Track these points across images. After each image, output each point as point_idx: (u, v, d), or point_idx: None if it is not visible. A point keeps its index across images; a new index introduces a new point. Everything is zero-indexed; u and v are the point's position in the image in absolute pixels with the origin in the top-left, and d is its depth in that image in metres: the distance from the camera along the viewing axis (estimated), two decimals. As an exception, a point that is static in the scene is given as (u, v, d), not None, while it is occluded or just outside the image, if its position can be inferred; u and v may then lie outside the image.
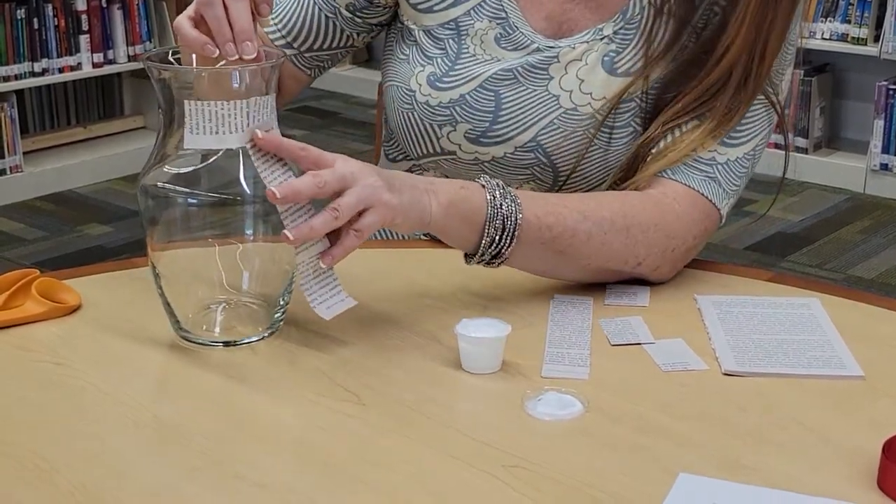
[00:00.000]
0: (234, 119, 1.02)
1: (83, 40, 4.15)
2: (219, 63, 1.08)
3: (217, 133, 1.02)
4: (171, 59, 1.11)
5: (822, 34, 4.20)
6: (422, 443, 0.93)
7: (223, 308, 1.11)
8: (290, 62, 1.37)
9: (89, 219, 3.86)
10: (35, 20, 4.02)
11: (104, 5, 4.19)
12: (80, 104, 4.42)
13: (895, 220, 3.88)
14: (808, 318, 1.14)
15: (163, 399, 1.03)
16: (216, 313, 1.11)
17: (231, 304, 1.11)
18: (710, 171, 1.24)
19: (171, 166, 1.06)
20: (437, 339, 1.10)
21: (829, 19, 4.19)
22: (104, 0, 4.17)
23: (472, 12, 1.31)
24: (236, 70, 1.04)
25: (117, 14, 4.23)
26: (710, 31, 1.25)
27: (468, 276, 1.21)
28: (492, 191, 1.12)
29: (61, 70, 4.11)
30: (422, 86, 1.31)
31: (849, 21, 4.16)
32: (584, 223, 1.16)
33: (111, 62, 4.24)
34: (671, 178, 1.23)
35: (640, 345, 1.09)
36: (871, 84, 4.18)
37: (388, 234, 1.43)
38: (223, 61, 1.07)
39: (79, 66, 4.16)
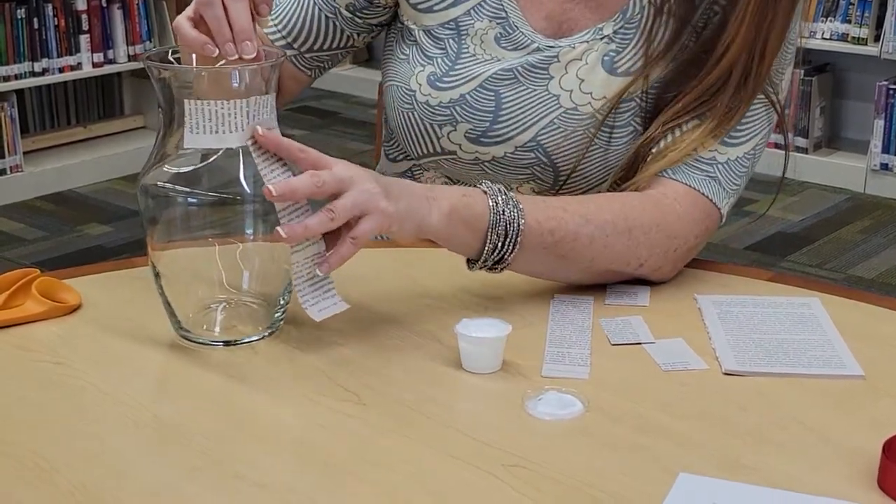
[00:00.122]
0: (234, 118, 1.02)
1: (83, 40, 4.15)
2: (218, 63, 1.08)
3: (217, 132, 1.02)
4: (170, 58, 1.11)
5: (823, 34, 4.20)
6: (422, 442, 0.93)
7: (223, 307, 1.11)
8: (290, 62, 1.37)
9: (89, 218, 3.86)
10: (35, 20, 4.02)
11: (104, 5, 4.19)
12: (81, 104, 4.42)
13: (895, 219, 3.88)
14: (808, 318, 1.14)
15: (163, 399, 1.03)
16: (216, 313, 1.11)
17: (231, 304, 1.11)
18: (710, 170, 1.24)
19: (171, 166, 1.06)
20: (438, 338, 1.10)
21: (829, 19, 4.19)
22: (104, 0, 4.17)
23: (472, 12, 1.31)
24: (236, 69, 1.04)
25: (117, 14, 4.23)
26: (711, 30, 1.25)
27: (468, 275, 1.21)
28: (494, 197, 1.12)
29: (61, 70, 4.11)
30: (422, 86, 1.31)
31: (849, 21, 4.16)
32: (585, 227, 1.16)
33: (111, 62, 4.25)
34: (672, 178, 1.23)
35: (640, 344, 1.09)
36: (872, 84, 4.18)
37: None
38: (223, 61, 1.07)
39: (79, 66, 4.16)
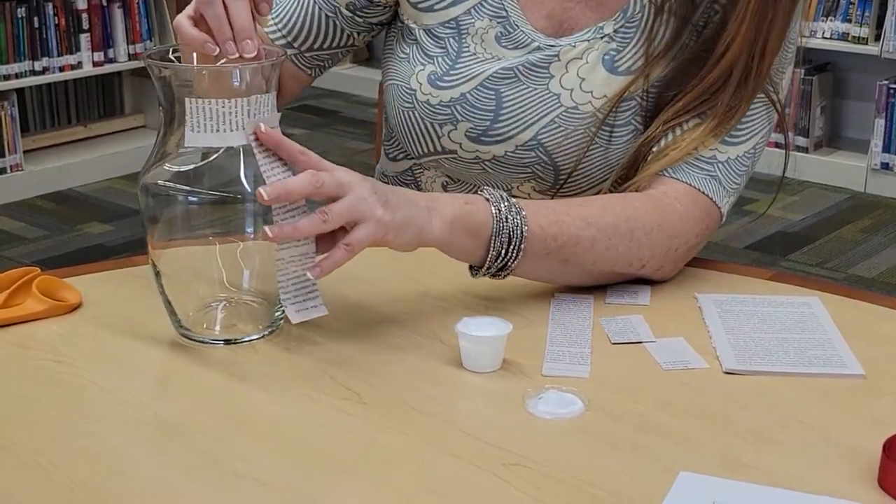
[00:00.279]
0: (235, 117, 1.02)
1: (83, 39, 4.15)
2: (219, 61, 1.08)
3: (218, 131, 1.02)
4: (171, 57, 1.11)
5: (823, 33, 4.20)
6: (422, 441, 0.93)
7: (224, 306, 1.11)
8: (290, 62, 1.37)
9: (90, 217, 3.86)
10: (35, 19, 4.02)
11: (104, 4, 4.19)
12: (81, 103, 4.42)
13: (895, 219, 3.88)
14: (808, 317, 1.14)
15: (163, 397, 1.03)
16: (217, 311, 1.11)
17: (232, 303, 1.11)
18: (710, 169, 1.24)
19: (172, 164, 1.06)
20: (438, 337, 1.10)
21: (829, 18, 4.19)
22: (104, -1, 4.18)
23: (472, 11, 1.30)
24: (237, 68, 1.04)
25: (118, 13, 4.23)
26: (711, 29, 1.25)
27: (469, 275, 1.21)
28: (496, 204, 1.12)
29: (62, 69, 4.12)
30: (422, 84, 1.31)
31: (849, 20, 4.16)
32: (587, 230, 1.16)
33: (111, 61, 4.25)
34: (672, 177, 1.23)
35: (640, 343, 1.09)
36: (872, 83, 4.18)
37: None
38: (223, 59, 1.07)
39: (79, 65, 4.16)
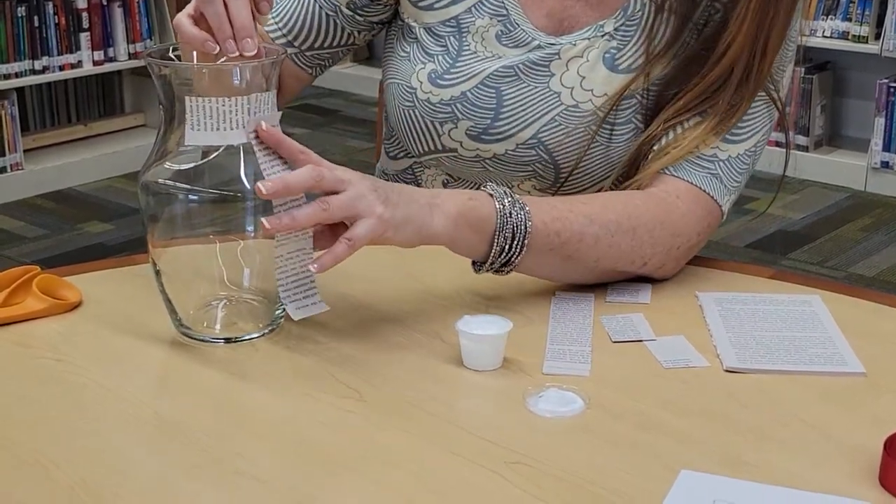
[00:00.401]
0: (235, 115, 1.02)
1: (83, 38, 4.16)
2: (219, 60, 1.08)
3: (218, 129, 1.02)
4: (171, 55, 1.11)
5: (823, 32, 4.20)
6: (423, 440, 0.93)
7: (224, 305, 1.11)
8: (290, 61, 1.37)
9: (90, 216, 3.86)
10: (35, 18, 4.02)
11: (104, 3, 4.20)
12: (81, 102, 4.42)
13: (896, 218, 3.89)
14: (809, 315, 1.14)
15: (163, 396, 1.03)
16: (217, 310, 1.11)
17: (232, 301, 1.11)
18: (712, 167, 1.24)
19: (172, 163, 1.06)
20: (439, 336, 1.10)
21: (830, 17, 4.19)
22: (104, -2, 4.19)
23: (472, 9, 1.30)
24: (237, 66, 1.04)
25: (118, 12, 4.23)
26: (712, 28, 1.25)
27: (470, 273, 1.21)
28: (500, 200, 1.12)
29: (62, 68, 4.12)
30: (423, 83, 1.31)
31: (850, 19, 4.16)
32: (590, 227, 1.16)
33: (112, 60, 4.25)
34: (674, 175, 1.23)
35: (641, 342, 1.09)
36: (872, 82, 4.18)
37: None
38: (223, 58, 1.07)
39: (79, 64, 4.16)
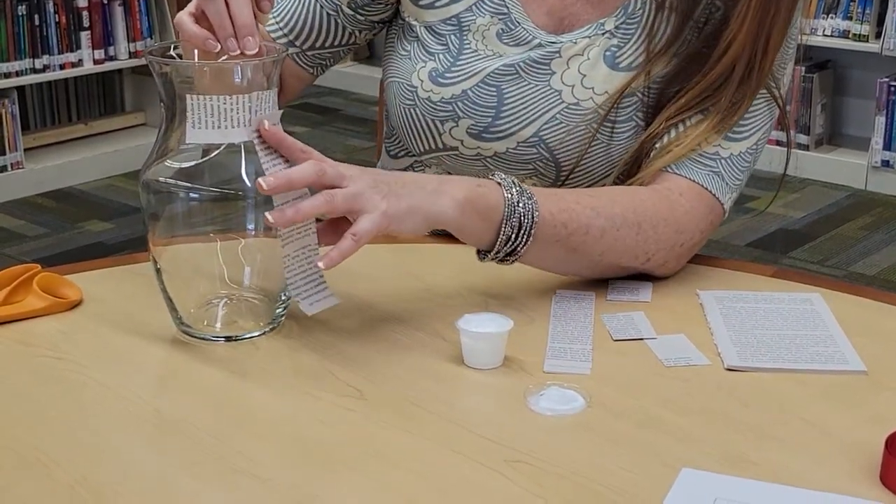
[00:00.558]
0: (237, 114, 1.02)
1: (84, 37, 4.16)
2: (220, 58, 1.08)
3: (219, 128, 1.02)
4: (172, 53, 1.11)
5: (824, 31, 4.20)
6: (424, 438, 0.93)
7: (224, 303, 1.11)
8: (292, 60, 1.37)
9: (90, 215, 3.86)
10: (36, 16, 4.02)
11: (105, 2, 4.20)
12: (81, 101, 4.43)
13: (896, 216, 3.89)
14: (810, 313, 1.14)
15: (164, 394, 1.03)
16: (218, 308, 1.11)
17: (232, 299, 1.11)
18: (713, 165, 1.24)
19: (173, 161, 1.06)
20: (439, 334, 1.09)
21: (830, 16, 4.19)
22: (105, -3, 4.19)
23: (473, 8, 1.30)
24: (238, 64, 1.04)
25: (118, 10, 4.23)
26: (712, 25, 1.25)
27: (470, 271, 1.21)
28: (508, 189, 1.11)
29: (62, 66, 4.12)
30: (423, 82, 1.31)
31: (850, 18, 4.17)
32: (597, 219, 1.16)
33: (112, 59, 4.25)
34: (676, 174, 1.23)
35: (642, 340, 1.09)
36: (873, 81, 4.18)
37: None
38: (224, 56, 1.07)
39: (80, 63, 4.16)
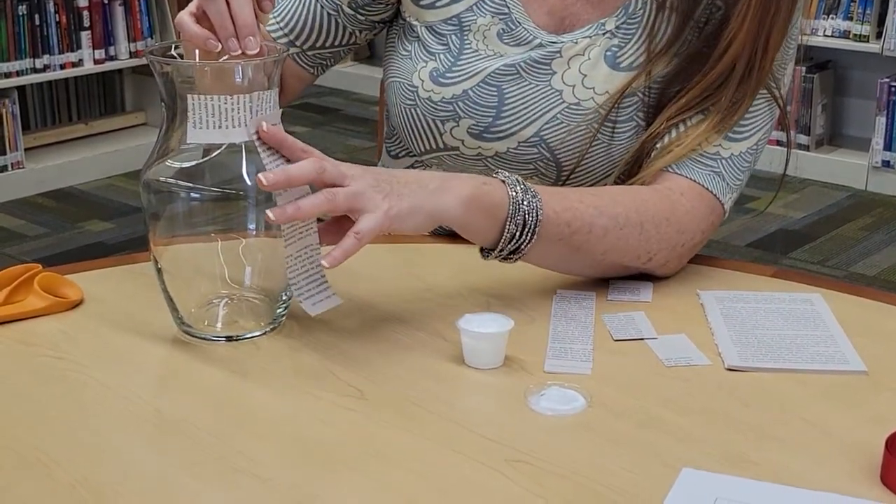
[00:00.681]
0: (237, 113, 1.02)
1: (84, 37, 4.16)
2: (221, 58, 1.08)
3: (220, 127, 1.02)
4: (173, 53, 1.11)
5: (825, 31, 4.20)
6: (424, 438, 0.93)
7: (225, 303, 1.11)
8: (292, 60, 1.37)
9: (90, 215, 3.86)
10: (36, 16, 4.02)
11: (105, 2, 4.20)
12: (82, 100, 4.42)
13: (897, 216, 3.89)
14: (811, 314, 1.14)
15: (164, 394, 1.03)
16: (218, 308, 1.11)
17: (233, 299, 1.11)
18: (714, 165, 1.24)
19: (174, 161, 1.06)
20: (440, 334, 1.09)
21: (831, 16, 4.19)
22: (105, -4, 4.19)
23: (474, 8, 1.30)
24: (239, 64, 1.04)
25: (118, 10, 4.23)
26: (713, 25, 1.25)
27: (471, 271, 1.21)
28: (513, 187, 1.11)
29: (63, 66, 4.12)
30: (424, 81, 1.31)
31: (851, 18, 4.17)
32: (600, 218, 1.16)
33: (113, 58, 4.25)
34: (676, 173, 1.23)
35: (642, 340, 1.09)
36: (873, 81, 4.18)
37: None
38: (225, 56, 1.07)
39: (80, 63, 4.16)
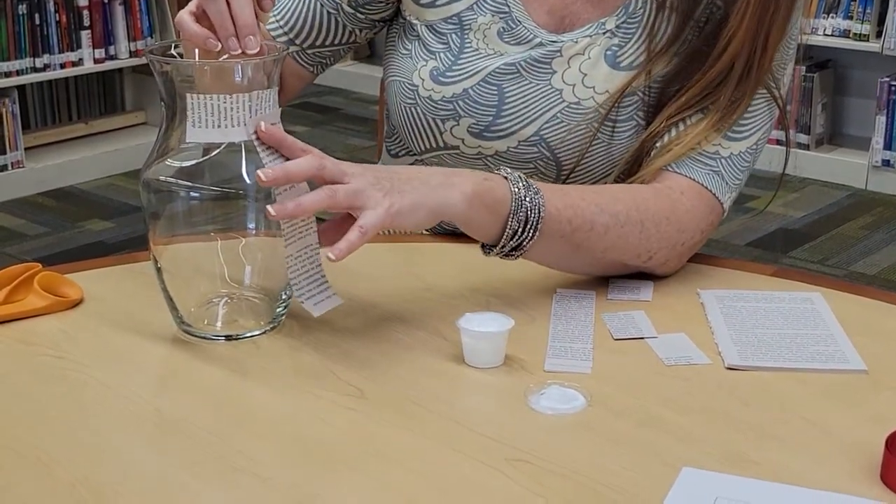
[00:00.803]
0: (237, 113, 1.02)
1: (84, 36, 4.16)
2: (221, 57, 1.08)
3: (219, 127, 1.02)
4: (173, 52, 1.11)
5: (825, 30, 4.20)
6: (425, 437, 0.93)
7: (225, 302, 1.11)
8: (292, 59, 1.37)
9: (91, 214, 3.86)
10: (37, 16, 4.02)
11: (105, 1, 4.19)
12: (82, 100, 4.42)
13: (897, 216, 3.89)
14: (811, 313, 1.14)
15: (164, 393, 1.03)
16: (218, 307, 1.11)
17: (233, 298, 1.11)
18: (714, 164, 1.24)
19: (174, 160, 1.06)
20: (440, 333, 1.09)
21: (831, 15, 4.19)
22: (105, -4, 4.19)
23: (474, 7, 1.30)
24: (238, 63, 1.04)
25: (118, 10, 4.23)
26: (713, 25, 1.25)
27: (471, 270, 1.21)
28: (515, 183, 1.11)
29: (63, 66, 4.12)
30: (424, 80, 1.31)
31: (851, 17, 4.16)
32: (601, 216, 1.15)
33: (112, 58, 4.25)
34: (676, 172, 1.23)
35: (642, 339, 1.09)
36: (873, 80, 4.18)
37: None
38: (225, 55, 1.07)
39: (80, 62, 4.16)
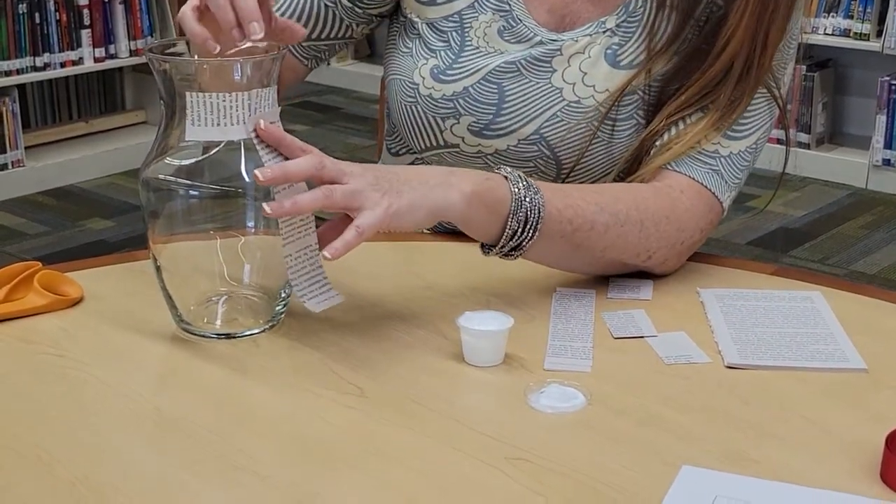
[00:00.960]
0: (236, 111, 1.02)
1: (85, 35, 4.15)
2: (220, 56, 1.08)
3: (219, 125, 1.02)
4: (173, 51, 1.10)
5: (825, 29, 4.20)
6: (425, 436, 0.93)
7: (225, 300, 1.11)
8: (288, 52, 1.36)
9: (91, 213, 3.86)
10: (37, 15, 4.02)
11: (106, 0, 4.19)
12: (82, 99, 4.42)
13: (897, 215, 3.89)
14: (811, 312, 1.14)
15: (164, 391, 1.03)
16: (218, 306, 1.11)
17: (232, 297, 1.11)
18: (713, 163, 1.24)
19: (173, 159, 1.06)
20: (440, 331, 1.09)
21: (831, 14, 4.19)
22: (106, -5, 4.18)
23: (475, 5, 1.30)
24: (237, 62, 1.04)
25: (119, 9, 4.23)
26: (713, 24, 1.25)
27: (471, 269, 1.21)
28: (516, 183, 1.11)
29: (63, 65, 4.12)
30: (425, 79, 1.31)
31: (851, 16, 4.16)
32: (601, 215, 1.15)
33: (113, 57, 4.25)
34: (676, 171, 1.23)
35: (642, 338, 1.09)
36: (874, 79, 4.18)
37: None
38: (231, 50, 1.07)
39: (80, 61, 4.16)
